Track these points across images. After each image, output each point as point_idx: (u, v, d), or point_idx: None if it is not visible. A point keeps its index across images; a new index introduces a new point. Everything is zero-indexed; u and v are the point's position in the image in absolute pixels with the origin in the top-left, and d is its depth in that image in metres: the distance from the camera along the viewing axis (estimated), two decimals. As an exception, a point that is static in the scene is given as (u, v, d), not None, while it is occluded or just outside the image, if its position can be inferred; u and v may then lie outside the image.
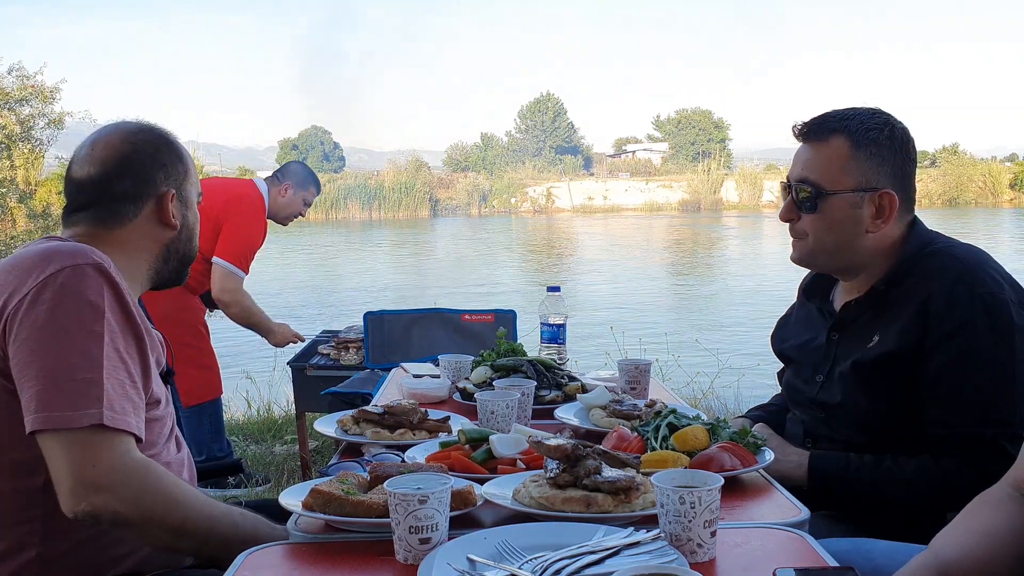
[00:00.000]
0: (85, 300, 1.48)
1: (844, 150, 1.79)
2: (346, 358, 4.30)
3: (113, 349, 1.49)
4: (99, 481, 1.40)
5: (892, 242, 1.84)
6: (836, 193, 1.80)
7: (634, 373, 2.35)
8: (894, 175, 1.81)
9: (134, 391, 1.51)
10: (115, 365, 1.48)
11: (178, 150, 1.77)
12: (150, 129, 1.77)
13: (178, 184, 1.74)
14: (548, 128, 73.76)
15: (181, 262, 1.80)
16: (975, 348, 1.68)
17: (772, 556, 1.29)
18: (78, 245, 1.57)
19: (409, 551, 1.28)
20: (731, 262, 21.44)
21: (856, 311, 1.87)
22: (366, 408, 2.01)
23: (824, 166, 1.81)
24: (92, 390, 1.43)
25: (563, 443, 1.46)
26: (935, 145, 55.50)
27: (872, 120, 1.81)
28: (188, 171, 1.77)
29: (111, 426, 1.42)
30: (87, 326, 1.47)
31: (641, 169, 61.19)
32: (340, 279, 16.57)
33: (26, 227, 13.31)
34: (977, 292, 1.70)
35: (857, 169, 1.79)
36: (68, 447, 1.41)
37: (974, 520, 1.30)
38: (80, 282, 1.49)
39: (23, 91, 13.36)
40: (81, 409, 1.41)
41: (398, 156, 53.43)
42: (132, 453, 1.46)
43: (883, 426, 1.78)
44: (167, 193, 1.72)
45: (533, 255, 24.81)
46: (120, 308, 1.53)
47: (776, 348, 2.14)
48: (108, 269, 1.53)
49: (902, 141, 1.82)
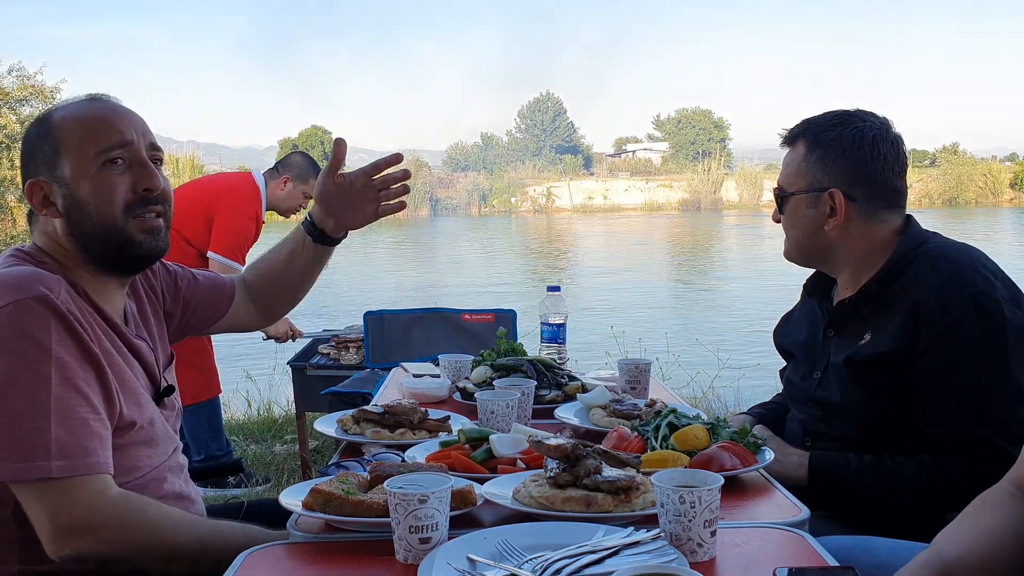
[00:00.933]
0: (29, 339, 1.40)
1: (801, 153, 1.90)
2: (346, 358, 4.30)
3: (66, 387, 1.41)
4: (78, 525, 1.38)
5: (884, 240, 1.86)
6: (793, 194, 1.91)
7: (634, 373, 2.35)
8: (847, 177, 1.84)
9: (99, 423, 1.44)
10: (70, 405, 1.41)
11: (47, 128, 1.57)
12: (38, 116, 1.64)
13: (49, 166, 1.55)
14: (548, 128, 73.78)
15: (100, 240, 1.57)
16: (968, 348, 1.69)
17: (772, 556, 1.29)
18: (23, 273, 1.47)
19: (409, 551, 1.28)
20: (731, 262, 21.44)
21: (850, 309, 1.88)
22: (366, 408, 2.01)
23: (786, 169, 1.94)
24: (39, 439, 1.37)
25: (563, 443, 1.46)
26: (935, 145, 55.53)
27: (828, 122, 1.88)
28: (61, 145, 1.55)
29: (69, 476, 1.37)
30: (32, 367, 1.39)
31: (641, 169, 61.23)
32: (340, 279, 16.56)
33: (26, 226, 13.33)
34: (968, 291, 1.71)
35: (808, 171, 1.88)
36: (39, 496, 1.38)
37: (976, 519, 1.31)
38: (22, 319, 1.41)
39: (23, 91, 13.37)
40: (30, 461, 1.36)
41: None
42: (107, 492, 1.42)
43: (879, 424, 1.78)
44: (32, 184, 1.56)
45: (533, 255, 24.81)
46: (71, 338, 1.44)
47: (777, 342, 2.16)
48: (54, 300, 1.43)
49: (867, 147, 1.83)
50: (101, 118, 1.59)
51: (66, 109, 1.60)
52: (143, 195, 1.59)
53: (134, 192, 1.58)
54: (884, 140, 1.85)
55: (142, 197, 1.59)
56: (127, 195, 1.57)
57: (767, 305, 10.70)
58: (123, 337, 1.61)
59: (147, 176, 1.59)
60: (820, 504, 1.70)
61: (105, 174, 1.56)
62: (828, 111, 1.93)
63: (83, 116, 1.58)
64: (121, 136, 1.57)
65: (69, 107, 1.61)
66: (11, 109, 13.41)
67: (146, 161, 1.60)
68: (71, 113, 1.59)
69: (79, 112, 1.59)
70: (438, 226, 38.26)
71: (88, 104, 1.62)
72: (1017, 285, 1.79)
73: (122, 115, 1.61)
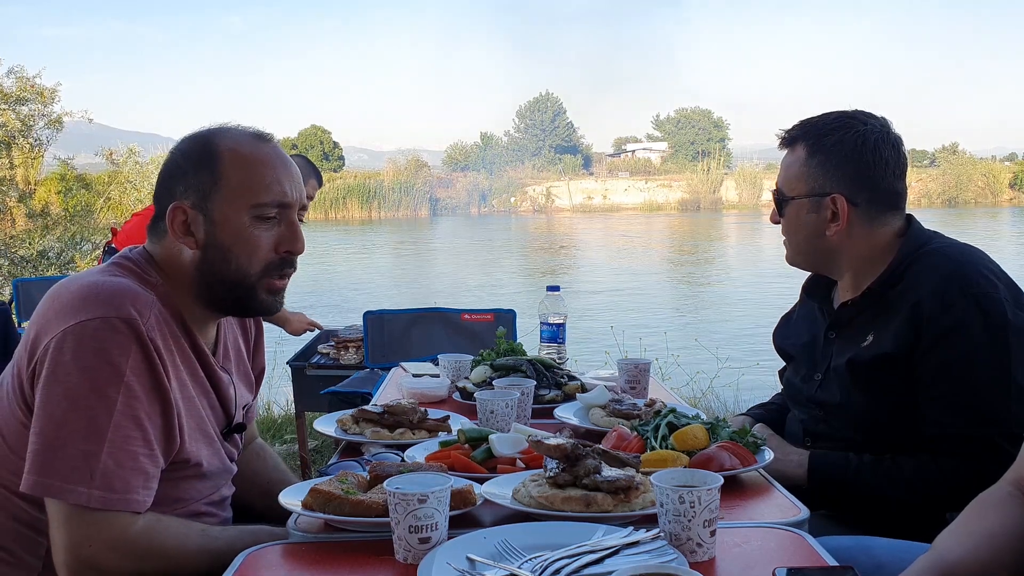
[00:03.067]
0: (106, 359, 1.38)
1: (802, 157, 1.87)
2: (346, 357, 4.29)
3: (128, 416, 1.39)
4: (95, 559, 1.37)
5: (886, 243, 1.85)
6: (794, 199, 1.89)
7: (634, 372, 2.35)
8: (847, 180, 1.83)
9: (149, 461, 1.42)
10: (127, 435, 1.39)
11: (210, 156, 1.53)
12: (200, 133, 1.58)
13: (201, 195, 1.52)
14: (547, 127, 73.76)
15: (227, 287, 1.55)
16: (969, 348, 1.69)
17: (772, 555, 1.29)
18: (119, 289, 1.45)
19: (409, 551, 1.28)
20: (731, 261, 21.43)
21: (852, 311, 1.88)
22: (366, 408, 2.01)
23: (786, 173, 1.91)
24: (88, 463, 1.36)
25: (562, 442, 1.46)
26: (935, 145, 55.58)
27: (830, 126, 1.85)
28: (222, 180, 1.52)
29: (103, 508, 1.36)
30: (101, 389, 1.38)
31: (640, 168, 61.27)
32: (340, 278, 16.56)
33: (25, 226, 13.33)
34: (970, 292, 1.71)
35: (809, 175, 1.86)
36: (65, 519, 1.38)
37: (976, 521, 1.31)
38: (106, 338, 1.39)
39: (22, 91, 13.39)
40: (72, 484, 1.35)
41: (398, 156, 53.49)
42: (131, 529, 1.40)
43: (880, 425, 1.78)
44: (176, 207, 1.52)
45: (533, 254, 24.80)
46: (147, 369, 1.42)
47: (777, 344, 2.15)
48: (140, 325, 1.41)
49: (868, 150, 1.82)
50: (270, 167, 1.55)
51: (232, 140, 1.55)
52: (284, 256, 1.57)
53: (276, 252, 1.56)
54: (885, 143, 1.84)
55: (282, 259, 1.57)
56: (269, 255, 1.55)
57: (767, 305, 10.70)
58: (207, 367, 1.59)
59: (293, 239, 1.57)
60: (819, 503, 1.71)
61: (256, 227, 1.53)
62: (827, 112, 1.90)
63: (252, 159, 1.54)
64: (284, 195, 1.55)
65: (235, 139, 1.56)
66: (11, 108, 13.42)
67: (296, 223, 1.58)
68: (239, 149, 1.54)
69: (247, 151, 1.55)
70: (438, 226, 38.24)
71: (256, 143, 1.57)
72: (1019, 286, 1.79)
73: (288, 169, 1.58)
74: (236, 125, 1.61)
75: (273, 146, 1.59)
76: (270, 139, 1.60)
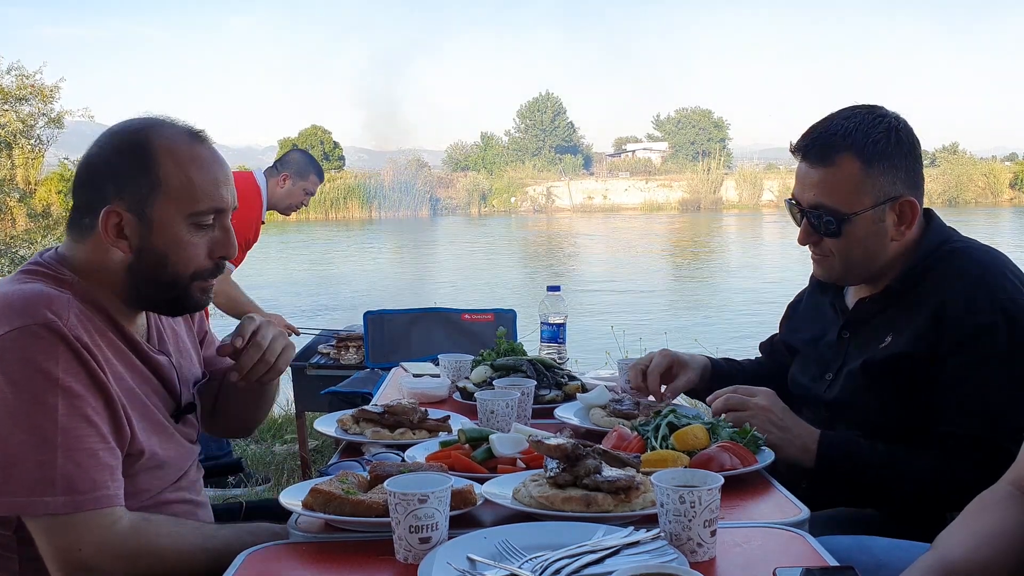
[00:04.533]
0: (35, 367, 1.35)
1: (856, 170, 1.75)
2: (346, 357, 4.29)
3: (75, 416, 1.37)
4: (88, 563, 1.36)
5: (910, 238, 1.82)
6: (857, 214, 1.76)
7: (634, 372, 2.35)
8: (908, 179, 1.78)
9: (108, 454, 1.41)
10: (78, 435, 1.37)
11: (146, 157, 1.47)
12: (134, 129, 1.52)
13: (137, 199, 1.47)
14: (548, 127, 73.75)
15: (160, 290, 1.53)
16: (993, 353, 1.67)
17: (772, 555, 1.29)
18: (31, 296, 1.41)
19: (409, 550, 1.28)
20: (731, 261, 21.43)
21: (870, 309, 1.85)
22: (366, 408, 2.01)
23: (838, 190, 1.76)
24: (44, 473, 1.33)
25: (563, 442, 1.46)
26: (935, 145, 55.58)
27: (876, 130, 1.76)
28: (160, 186, 1.47)
29: (74, 511, 1.35)
30: (38, 398, 1.35)
31: (641, 168, 61.29)
32: (340, 278, 16.56)
33: (26, 226, 13.33)
34: (998, 298, 1.69)
35: (873, 186, 1.75)
36: (45, 532, 1.36)
37: (977, 521, 1.30)
38: (29, 345, 1.35)
39: (22, 90, 13.37)
40: (36, 496, 1.33)
41: (398, 156, 53.52)
42: (117, 526, 1.39)
43: (891, 427, 1.76)
44: (110, 211, 1.47)
45: (533, 254, 24.80)
46: (80, 367, 1.39)
47: (782, 337, 2.14)
48: (61, 326, 1.38)
49: (908, 143, 1.79)
50: (208, 172, 1.52)
51: (168, 140, 1.51)
52: (216, 261, 1.57)
53: (210, 258, 1.55)
54: (908, 128, 1.80)
55: (215, 264, 1.57)
56: (205, 261, 1.54)
57: (766, 304, 10.70)
58: (141, 355, 1.57)
59: (226, 245, 1.57)
60: (820, 502, 1.69)
61: (192, 233, 1.52)
62: (838, 116, 1.81)
63: (190, 163, 1.50)
64: (222, 200, 1.54)
65: (171, 139, 1.51)
66: (11, 107, 13.41)
67: (230, 228, 1.57)
68: (177, 152, 1.50)
69: (185, 154, 1.51)
70: (438, 226, 38.25)
71: (193, 145, 1.53)
72: None
73: (225, 172, 1.56)
74: (169, 119, 1.56)
75: (209, 147, 1.56)
76: (205, 138, 1.57)
